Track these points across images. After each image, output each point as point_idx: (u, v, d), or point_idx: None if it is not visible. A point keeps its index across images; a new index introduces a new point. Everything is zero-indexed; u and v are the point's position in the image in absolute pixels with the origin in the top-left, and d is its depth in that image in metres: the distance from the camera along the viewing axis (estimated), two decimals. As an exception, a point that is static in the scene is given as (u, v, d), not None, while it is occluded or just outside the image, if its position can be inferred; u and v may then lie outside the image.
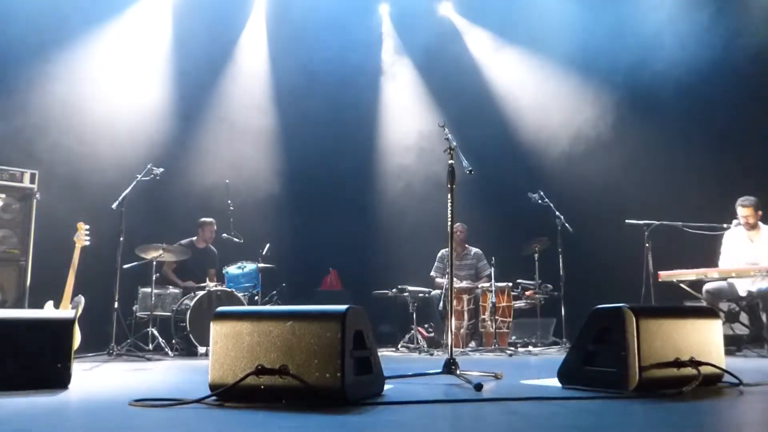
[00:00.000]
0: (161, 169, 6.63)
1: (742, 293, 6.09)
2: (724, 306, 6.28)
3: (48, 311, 5.11)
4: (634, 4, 9.11)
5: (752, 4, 8.25)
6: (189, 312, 6.26)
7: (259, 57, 9.75)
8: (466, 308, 7.04)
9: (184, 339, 6.42)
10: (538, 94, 9.49)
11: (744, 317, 6.21)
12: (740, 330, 6.18)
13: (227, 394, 2.69)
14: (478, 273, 7.67)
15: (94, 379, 4.12)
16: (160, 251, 6.62)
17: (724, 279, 6.08)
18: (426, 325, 7.60)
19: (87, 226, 5.83)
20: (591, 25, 9.24)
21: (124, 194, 6.22)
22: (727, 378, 3.22)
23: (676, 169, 8.24)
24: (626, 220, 6.60)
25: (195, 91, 9.13)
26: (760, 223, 6.21)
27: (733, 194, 6.39)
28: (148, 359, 5.74)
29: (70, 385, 3.37)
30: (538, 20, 9.61)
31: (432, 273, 7.76)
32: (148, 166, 6.57)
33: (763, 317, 5.91)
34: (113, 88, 8.46)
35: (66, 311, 5.11)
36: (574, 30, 9.36)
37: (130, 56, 8.70)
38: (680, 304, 6.14)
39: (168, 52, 9.05)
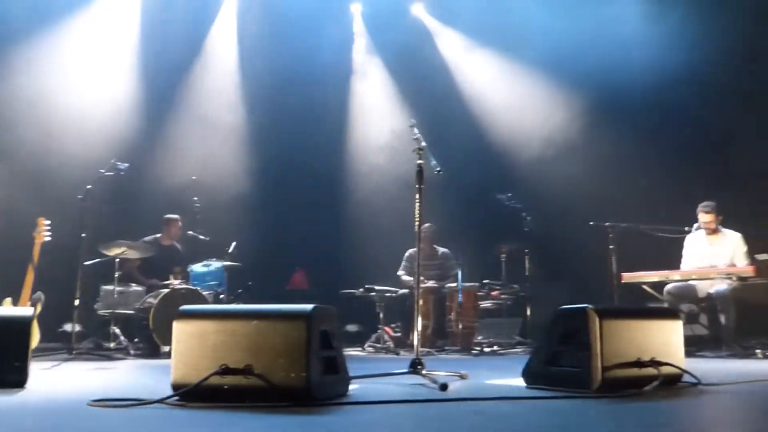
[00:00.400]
0: (126, 165, 6.50)
1: (702, 295, 6.23)
2: (684, 307, 6.40)
3: (6, 309, 4.97)
4: (605, 10, 9.24)
5: (716, 12, 8.42)
6: (152, 310, 6.15)
7: (229, 53, 9.65)
8: (432, 308, 7.05)
9: (147, 338, 6.31)
10: (509, 97, 9.57)
11: (703, 318, 6.34)
12: (699, 331, 6.31)
13: (190, 394, 2.65)
14: (445, 273, 7.68)
15: (53, 378, 4.02)
16: (124, 248, 6.49)
17: (685, 281, 6.21)
18: (393, 325, 7.60)
19: (47, 222, 5.69)
20: (562, 29, 9.34)
21: (86, 189, 6.09)
22: (686, 378, 3.28)
23: (640, 174, 8.39)
24: (590, 222, 6.69)
25: (163, 86, 9.00)
26: (721, 228, 6.35)
27: (695, 199, 6.53)
28: (110, 358, 5.63)
29: (28, 385, 3.29)
30: (510, 23, 9.69)
31: (399, 272, 7.74)
32: (112, 162, 6.45)
33: (722, 319, 6.04)
34: (79, 82, 8.29)
35: (24, 308, 4.98)
36: (545, 34, 9.45)
37: (98, 50, 8.54)
38: (643, 305, 6.25)
39: (136, 45, 8.91)
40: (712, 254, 6.31)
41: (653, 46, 8.69)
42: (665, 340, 3.24)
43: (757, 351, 5.68)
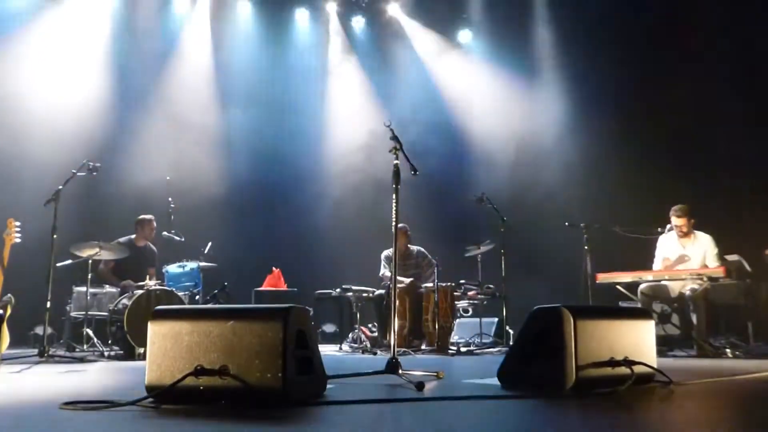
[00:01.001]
0: (98, 165, 6.40)
1: (674, 295, 6.33)
2: (657, 307, 6.49)
3: (-25, 310, 4.87)
4: (582, 14, 9.36)
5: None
6: (126, 312, 6.07)
7: (203, 54, 9.60)
8: (409, 308, 7.06)
9: (121, 340, 6.23)
10: (486, 98, 9.64)
11: (675, 318, 6.44)
12: (671, 331, 6.41)
13: (164, 396, 2.62)
14: (422, 272, 7.67)
15: (23, 381, 3.95)
16: (97, 249, 6.39)
17: (658, 281, 6.30)
18: (369, 325, 7.60)
19: (18, 223, 5.59)
20: (543, 28, 9.45)
21: (57, 190, 5.99)
22: (658, 377, 3.32)
23: (615, 177, 8.51)
24: (566, 223, 6.76)
25: (136, 85, 8.93)
26: (693, 230, 6.46)
27: (667, 201, 6.63)
28: (83, 361, 5.54)
29: (-3, 388, 3.23)
30: (487, 25, 9.77)
31: (381, 273, 7.64)
32: (84, 162, 6.35)
33: (693, 318, 6.14)
34: (50, 81, 8.18)
35: (-6, 310, 4.88)
36: (522, 36, 9.55)
37: (68, 48, 8.43)
38: (616, 305, 6.33)
39: (107, 45, 8.82)
40: (684, 255, 6.42)
41: (627, 51, 8.83)
42: (638, 340, 3.28)
43: (727, 350, 5.79)
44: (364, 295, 7.32)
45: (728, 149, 8.03)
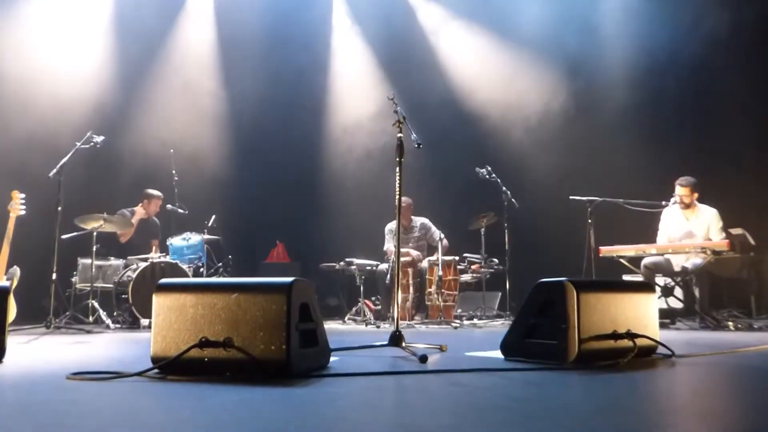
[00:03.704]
0: (102, 137, 6.40)
1: (677, 269, 6.33)
2: (660, 281, 6.51)
3: (-19, 282, 4.91)
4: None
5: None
6: (131, 284, 6.12)
7: (207, 25, 9.52)
8: (412, 281, 7.09)
9: (126, 311, 6.29)
10: (491, 72, 9.55)
11: (678, 292, 6.46)
12: (675, 304, 6.43)
13: (169, 367, 2.65)
14: (429, 242, 7.64)
15: (31, 352, 3.99)
16: (101, 221, 6.42)
17: (661, 255, 6.30)
18: (373, 298, 7.64)
19: (22, 195, 5.61)
20: (548, 6, 9.33)
21: (62, 162, 6.00)
22: (660, 350, 3.34)
23: (619, 150, 8.46)
24: (570, 197, 6.74)
25: (140, 58, 8.86)
26: (697, 203, 6.44)
27: (672, 176, 6.60)
28: (88, 332, 5.60)
29: (5, 359, 3.26)
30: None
31: (386, 247, 7.64)
32: (88, 134, 6.35)
33: (696, 292, 6.15)
34: (53, 53, 8.13)
35: (0, 282, 4.92)
36: (529, 10, 9.43)
37: (73, 20, 8.36)
38: (619, 279, 6.34)
39: (112, 16, 8.74)
40: (687, 228, 6.41)
41: (635, 29, 8.74)
42: (640, 313, 3.29)
43: (729, 323, 5.82)
44: (368, 268, 7.34)
45: (734, 123, 7.97)
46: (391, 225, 7.68)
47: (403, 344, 3.59)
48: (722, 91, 8.07)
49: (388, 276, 7.07)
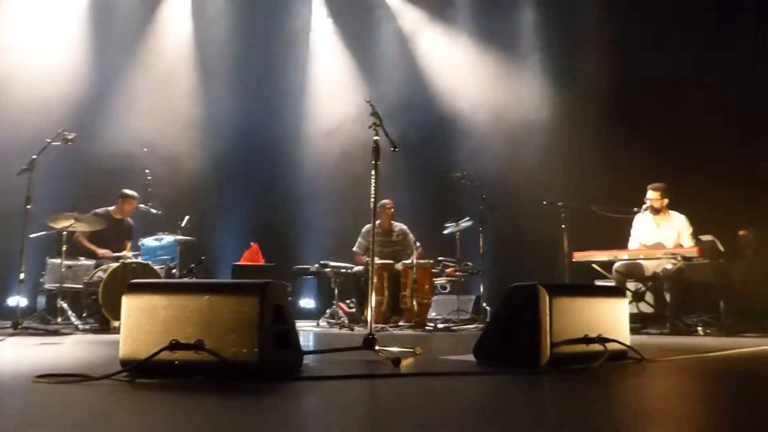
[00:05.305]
0: (74, 134, 6.28)
1: (649, 274, 6.41)
2: (631, 286, 6.58)
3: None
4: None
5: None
6: (102, 284, 6.02)
7: (183, 22, 9.41)
8: (387, 284, 7.08)
9: (96, 313, 6.18)
10: (468, 76, 9.60)
11: (650, 297, 6.53)
12: (646, 309, 6.50)
13: (139, 370, 2.61)
14: (404, 249, 7.61)
15: (-4, 353, 3.91)
16: (72, 220, 6.30)
17: (633, 260, 6.37)
18: (347, 301, 7.62)
19: (-10, 193, 5.49)
20: (525, 11, 9.43)
21: (31, 159, 5.88)
22: (631, 354, 3.37)
23: (593, 156, 8.56)
24: (544, 202, 6.79)
25: (114, 53, 8.74)
26: (668, 210, 6.52)
27: (644, 181, 6.68)
28: (57, 334, 5.49)
29: (-31, 360, 3.19)
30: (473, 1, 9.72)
31: (355, 249, 7.63)
32: (60, 131, 6.23)
33: (667, 297, 6.23)
34: (24, 49, 7.98)
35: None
36: (508, 14, 9.51)
37: (45, 14, 8.21)
38: (591, 283, 6.40)
39: (85, 10, 8.60)
40: (658, 234, 6.49)
41: (606, 32, 8.87)
42: (612, 318, 3.32)
43: (699, 328, 5.91)
44: (342, 271, 7.32)
45: (705, 130, 8.12)
46: (369, 227, 7.63)
47: (377, 347, 3.58)
48: (695, 101, 8.22)
49: (363, 279, 7.05)
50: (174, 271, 6.82)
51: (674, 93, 8.34)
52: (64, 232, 6.26)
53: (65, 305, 6.15)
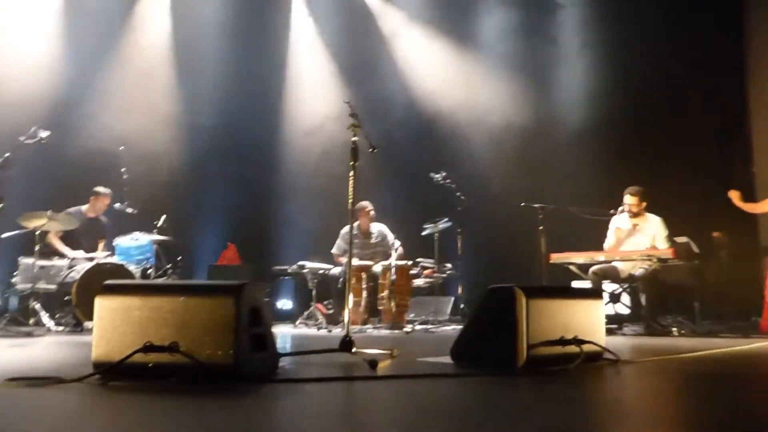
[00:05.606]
0: (48, 132, 6.17)
1: (625, 276, 6.47)
2: (608, 287, 6.64)
3: None
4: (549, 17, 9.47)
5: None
6: (75, 285, 5.93)
7: (162, 19, 9.28)
8: (364, 285, 7.06)
9: (70, 314, 6.09)
10: (448, 77, 9.62)
11: (626, 298, 6.59)
12: (621, 310, 6.56)
13: (112, 372, 2.57)
14: (384, 250, 7.55)
15: (-34, 355, 3.83)
16: (45, 220, 6.19)
17: (609, 262, 6.43)
18: (325, 302, 7.58)
19: (-40, 192, 5.38)
20: (503, 15, 9.50)
21: (4, 158, 5.78)
22: (607, 355, 3.40)
23: (570, 159, 8.64)
24: (521, 203, 6.82)
25: (90, 50, 8.60)
26: (645, 213, 6.59)
27: (620, 183, 6.74)
28: (29, 335, 5.40)
29: (-64, 363, 3.12)
30: (451, 4, 9.75)
31: (333, 250, 7.58)
32: (33, 129, 6.11)
33: (642, 299, 6.30)
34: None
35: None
36: (486, 17, 9.56)
37: (20, 9, 8.07)
38: (568, 285, 6.44)
39: (62, 6, 8.46)
40: (634, 236, 6.56)
41: (581, 33, 8.97)
42: (588, 319, 3.35)
43: (673, 329, 5.98)
44: (320, 272, 7.29)
45: (678, 133, 8.25)
46: (348, 228, 7.59)
47: (354, 349, 3.56)
48: (669, 104, 8.34)
49: (341, 280, 7.03)
50: (149, 271, 6.74)
51: (649, 97, 8.45)
52: (37, 232, 6.16)
53: (38, 306, 6.04)
